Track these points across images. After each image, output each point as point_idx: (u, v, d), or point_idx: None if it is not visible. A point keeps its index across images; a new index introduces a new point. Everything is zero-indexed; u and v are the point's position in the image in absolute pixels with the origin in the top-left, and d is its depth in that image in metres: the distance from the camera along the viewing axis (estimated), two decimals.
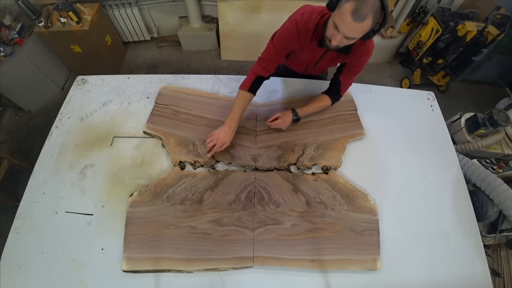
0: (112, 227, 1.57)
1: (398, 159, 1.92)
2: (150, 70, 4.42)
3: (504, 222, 2.01)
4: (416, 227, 1.72)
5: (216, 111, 1.99)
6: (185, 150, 1.80)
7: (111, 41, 4.05)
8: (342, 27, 1.31)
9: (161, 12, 4.37)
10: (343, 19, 1.28)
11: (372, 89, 2.24)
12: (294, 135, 1.92)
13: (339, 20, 1.31)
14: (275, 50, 1.67)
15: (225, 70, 4.49)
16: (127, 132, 1.90)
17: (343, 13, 1.27)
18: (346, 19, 1.27)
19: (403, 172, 1.88)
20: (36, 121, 3.77)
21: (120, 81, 2.15)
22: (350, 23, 1.27)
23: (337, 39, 1.37)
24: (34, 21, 3.39)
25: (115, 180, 1.71)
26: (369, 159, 1.90)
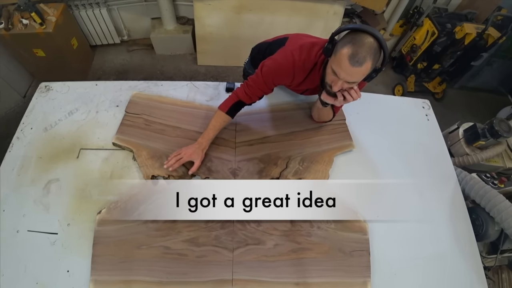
0: (79, 247, 1.58)
1: (391, 173, 1.99)
2: (120, 76, 4.45)
3: (506, 242, 2.04)
4: (410, 247, 1.77)
5: (192, 120, 2.05)
6: (158, 163, 1.84)
7: (77, 45, 4.07)
8: (341, 74, 1.41)
9: (132, 12, 4.41)
10: (341, 65, 1.38)
11: (362, 97, 2.12)
12: (277, 147, 1.98)
13: (337, 67, 1.41)
14: (264, 81, 1.74)
15: (202, 76, 4.55)
16: (95, 143, 1.93)
17: (340, 59, 1.37)
18: (344, 65, 1.37)
19: (396, 187, 1.93)
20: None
21: (87, 88, 2.19)
22: (349, 69, 1.37)
23: (338, 85, 1.46)
24: None
25: (82, 196, 1.73)
26: (358, 173, 1.96)
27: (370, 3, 4.00)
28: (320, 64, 1.67)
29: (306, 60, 1.66)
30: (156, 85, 2.27)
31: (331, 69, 1.47)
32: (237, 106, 1.84)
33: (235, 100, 1.82)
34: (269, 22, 4.13)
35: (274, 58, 1.72)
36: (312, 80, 1.76)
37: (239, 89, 1.82)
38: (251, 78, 1.78)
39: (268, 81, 1.73)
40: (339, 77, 1.44)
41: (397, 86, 4.73)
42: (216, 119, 1.84)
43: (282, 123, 2.12)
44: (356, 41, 1.36)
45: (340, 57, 1.38)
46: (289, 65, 1.67)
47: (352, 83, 1.48)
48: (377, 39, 1.36)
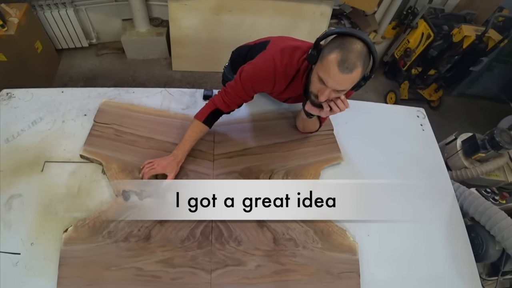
0: (43, 268, 1.58)
1: (382, 188, 2.03)
2: (89, 82, 4.48)
3: (508, 262, 2.08)
4: (403, 268, 1.82)
5: (166, 131, 2.08)
6: (129, 177, 1.87)
7: (42, 48, 4.09)
8: (329, 81, 1.44)
9: (101, 13, 4.46)
10: (330, 73, 1.41)
11: (351, 105, 2.11)
12: (259, 159, 2.03)
13: (325, 74, 1.44)
14: (243, 88, 1.78)
15: (177, 83, 4.63)
16: (61, 156, 1.95)
17: (328, 66, 1.41)
18: (333, 72, 1.40)
19: (388, 203, 1.99)
20: None
21: (53, 95, 2.20)
22: (338, 76, 1.40)
23: (325, 94, 1.50)
24: None
25: (46, 212, 1.73)
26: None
27: (360, 3, 4.06)
28: (303, 71, 1.71)
29: (288, 65, 1.70)
30: (127, 92, 2.30)
31: (317, 77, 1.50)
32: (215, 115, 1.88)
33: (212, 108, 1.86)
34: (250, 23, 4.20)
35: (253, 63, 1.76)
36: (295, 87, 1.80)
37: (217, 97, 1.87)
38: (229, 85, 1.83)
39: (247, 87, 1.78)
40: (327, 85, 1.47)
41: (389, 93, 4.78)
42: (192, 129, 1.88)
43: (264, 133, 2.16)
44: (344, 46, 1.39)
45: (328, 63, 1.41)
46: (270, 71, 1.71)
47: (340, 92, 1.52)
48: (366, 44, 1.40)
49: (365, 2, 4.03)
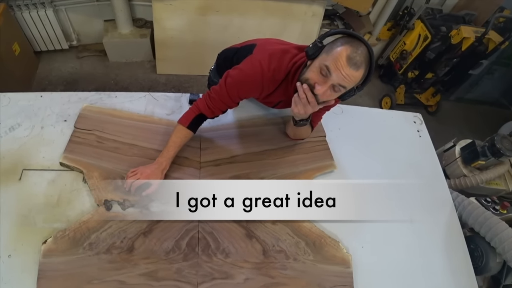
0: (21, 281, 1.59)
1: (378, 197, 2.05)
2: (69, 86, 4.51)
3: (509, 275, 2.12)
4: (399, 281, 1.85)
5: (150, 137, 2.11)
6: (111, 186, 1.88)
7: (19, 51, 4.12)
8: (335, 73, 1.48)
9: (82, 14, 4.50)
10: (337, 63, 1.46)
11: (345, 110, 2.38)
12: (247, 167, 2.06)
13: (332, 64, 1.48)
14: (228, 94, 1.81)
15: (162, 87, 4.66)
16: (40, 163, 1.96)
17: (337, 57, 1.46)
18: (341, 63, 1.45)
19: (384, 213, 2.01)
20: None
21: (31, 100, 2.21)
22: (346, 68, 1.45)
23: (323, 88, 1.54)
24: None
25: (24, 223, 1.74)
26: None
27: (353, 4, 4.12)
28: (293, 74, 1.75)
29: (276, 70, 1.74)
30: (109, 97, 2.32)
31: (318, 68, 1.55)
32: (199, 120, 1.93)
33: (196, 113, 1.90)
34: (238, 25, 4.24)
35: (240, 68, 1.79)
36: (284, 91, 1.85)
37: (201, 101, 1.90)
38: (214, 89, 1.86)
39: (232, 94, 1.82)
40: (331, 75, 1.50)
41: (384, 98, 4.84)
42: (176, 135, 1.91)
43: (253, 140, 2.19)
44: (354, 44, 1.48)
45: (337, 54, 1.47)
46: (257, 77, 1.75)
47: (337, 91, 1.56)
48: (369, 52, 1.49)
49: (359, 2, 4.08)
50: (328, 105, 1.80)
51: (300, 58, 1.75)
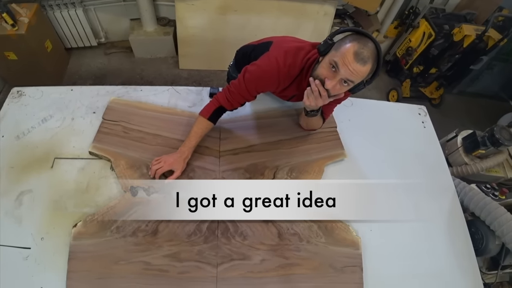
0: (53, 262, 1.57)
1: (384, 184, 2.01)
2: (97, 80, 4.46)
3: (508, 257, 2.07)
4: (405, 263, 1.79)
5: (173, 128, 2.07)
6: (137, 173, 1.86)
7: (51, 47, 4.07)
8: (343, 68, 1.44)
9: (109, 13, 4.45)
10: (346, 60, 1.42)
11: (354, 103, 2.32)
12: (263, 156, 2.01)
13: (340, 60, 1.44)
14: (246, 88, 1.77)
15: (184, 81, 4.59)
16: (70, 152, 1.93)
17: (345, 53, 1.43)
18: (349, 59, 1.42)
19: (390, 199, 1.96)
20: None
21: (62, 93, 2.18)
22: (353, 64, 1.42)
23: (332, 82, 1.50)
24: None
25: (56, 208, 1.72)
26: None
27: (363, 3, 4.06)
28: (307, 69, 1.71)
29: (291, 66, 1.70)
30: (135, 90, 2.28)
31: (328, 63, 1.51)
32: (219, 112, 1.89)
33: (216, 106, 1.86)
34: (255, 23, 4.18)
35: (257, 64, 1.75)
36: (298, 85, 1.80)
37: (221, 94, 1.87)
38: (233, 84, 1.82)
39: (250, 88, 1.77)
40: (340, 71, 1.47)
41: (391, 91, 4.77)
42: (198, 126, 1.88)
43: (268, 131, 2.14)
44: (361, 41, 1.44)
45: (345, 51, 1.44)
46: (274, 73, 1.71)
47: (346, 85, 1.52)
48: (377, 48, 1.45)
49: (367, 2, 4.03)
50: (339, 98, 1.75)
51: (313, 54, 1.70)
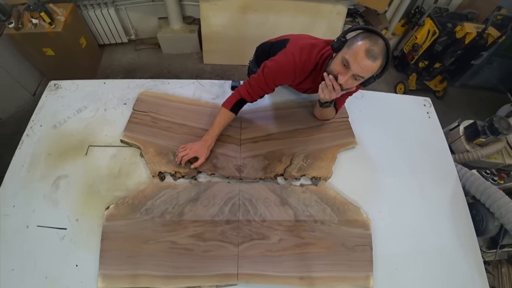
0: (87, 242, 1.58)
1: (392, 170, 1.98)
2: (128, 74, 4.46)
3: (506, 237, 2.04)
4: (411, 242, 1.76)
5: (198, 118, 2.05)
6: (165, 160, 1.85)
7: (86, 44, 4.08)
8: (354, 65, 1.43)
9: (139, 12, 4.43)
10: (357, 57, 1.41)
11: (365, 95, 2.29)
12: (281, 144, 1.98)
13: (352, 57, 1.43)
14: (265, 82, 1.75)
15: (208, 75, 4.55)
16: (103, 140, 1.93)
17: (356, 51, 1.41)
18: (360, 57, 1.40)
19: (398, 183, 1.94)
20: (6, 129, 3.75)
21: (96, 86, 2.18)
22: (364, 61, 1.40)
23: (345, 77, 1.48)
24: (3, 22, 3.40)
25: (90, 192, 1.74)
26: (361, 170, 1.96)
27: (372, 3, 4.02)
28: (321, 65, 1.69)
29: (306, 62, 1.68)
30: (163, 83, 2.26)
31: (340, 60, 1.49)
32: (240, 103, 1.87)
33: (238, 98, 1.85)
34: (273, 22, 4.14)
35: (275, 59, 1.73)
36: (314, 79, 1.78)
37: (242, 87, 1.85)
38: (253, 78, 1.80)
39: (269, 81, 1.75)
40: (351, 67, 1.45)
41: (399, 84, 4.72)
42: (221, 116, 1.86)
43: (286, 120, 2.11)
44: (372, 39, 1.41)
45: (356, 48, 1.42)
46: (290, 67, 1.69)
47: (357, 80, 1.50)
48: (386, 45, 1.42)
49: (377, 2, 3.99)
50: (351, 91, 1.75)
51: (327, 51, 1.68)
